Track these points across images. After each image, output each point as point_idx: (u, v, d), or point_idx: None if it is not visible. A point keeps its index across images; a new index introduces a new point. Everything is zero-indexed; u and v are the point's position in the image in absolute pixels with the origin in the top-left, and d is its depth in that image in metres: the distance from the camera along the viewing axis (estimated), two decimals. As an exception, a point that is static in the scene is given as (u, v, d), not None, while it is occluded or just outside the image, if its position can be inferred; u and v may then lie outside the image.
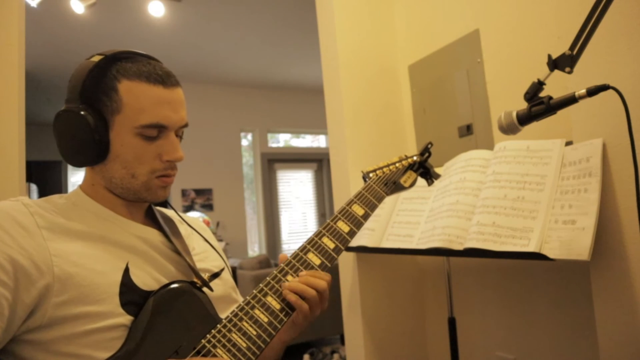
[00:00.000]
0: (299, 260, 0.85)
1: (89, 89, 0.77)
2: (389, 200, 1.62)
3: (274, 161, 6.44)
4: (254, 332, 0.74)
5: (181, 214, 0.99)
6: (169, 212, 0.97)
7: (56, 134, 0.80)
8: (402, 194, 1.61)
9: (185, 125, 0.84)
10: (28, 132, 1.74)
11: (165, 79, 0.79)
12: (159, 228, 0.87)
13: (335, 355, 3.63)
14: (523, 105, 0.99)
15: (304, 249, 0.87)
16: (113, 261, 0.75)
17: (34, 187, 5.44)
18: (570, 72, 0.94)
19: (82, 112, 0.76)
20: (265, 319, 0.76)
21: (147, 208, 0.90)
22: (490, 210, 1.21)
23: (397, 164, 1.13)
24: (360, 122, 1.88)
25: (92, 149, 0.77)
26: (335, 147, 1.92)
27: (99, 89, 0.77)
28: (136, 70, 0.78)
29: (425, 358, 1.89)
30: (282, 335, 0.88)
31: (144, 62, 0.80)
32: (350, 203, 0.97)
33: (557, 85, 1.03)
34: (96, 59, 0.78)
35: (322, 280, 0.81)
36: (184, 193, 5.66)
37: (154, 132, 0.78)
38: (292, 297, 0.78)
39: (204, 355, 0.70)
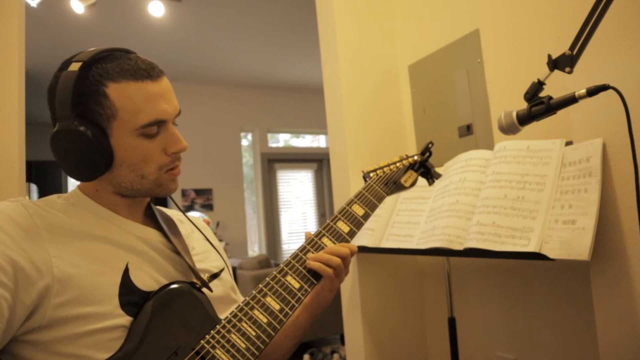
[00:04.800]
0: (299, 260, 0.85)
1: (78, 101, 0.74)
2: (389, 200, 1.62)
3: (274, 161, 6.44)
4: (253, 333, 0.74)
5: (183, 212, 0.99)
6: (169, 211, 0.97)
7: (57, 154, 0.77)
8: (402, 194, 1.61)
9: (179, 113, 0.82)
10: (28, 132, 1.74)
11: (151, 72, 0.77)
12: (159, 228, 0.87)
13: (335, 355, 3.63)
14: (523, 105, 0.99)
15: (303, 250, 0.87)
16: (112, 262, 0.75)
17: (34, 187, 5.43)
18: (570, 72, 0.94)
19: (80, 128, 0.73)
20: (265, 320, 0.76)
21: (147, 208, 0.90)
22: (490, 210, 1.21)
23: (397, 164, 1.13)
24: (360, 122, 1.88)
25: (99, 162, 0.75)
26: (335, 147, 1.91)
27: (88, 99, 0.74)
28: (119, 70, 0.75)
29: (425, 358, 1.89)
30: (309, 307, 0.91)
31: (123, 58, 0.77)
32: (350, 203, 0.97)
33: (557, 85, 1.03)
34: (75, 67, 0.74)
35: (344, 248, 0.86)
36: (184, 193, 5.66)
37: (154, 129, 0.77)
38: (314, 264, 0.82)
39: (203, 356, 0.70)
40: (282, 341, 0.92)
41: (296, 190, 6.60)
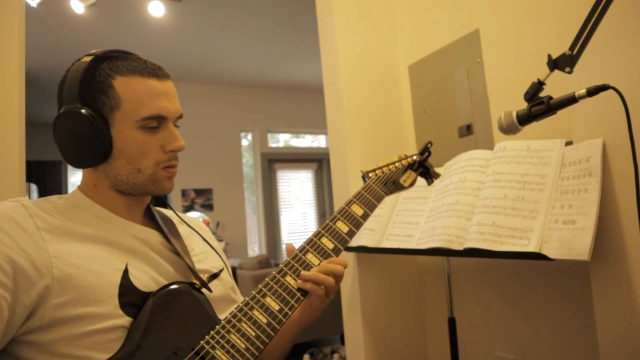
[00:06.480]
0: (298, 260, 0.85)
1: (85, 89, 0.77)
2: (389, 200, 1.62)
3: (274, 161, 6.44)
4: (253, 333, 0.74)
5: (180, 214, 0.99)
6: (168, 212, 0.97)
7: (58, 136, 0.79)
8: (402, 194, 1.61)
9: (181, 116, 0.85)
10: (28, 132, 1.74)
11: (157, 72, 0.82)
12: (158, 229, 0.87)
13: (335, 355, 3.64)
14: (523, 105, 0.99)
15: (302, 250, 0.87)
16: (112, 262, 0.75)
17: (34, 187, 5.44)
18: (570, 72, 0.94)
19: (83, 111, 0.76)
20: (264, 320, 0.76)
21: (146, 208, 0.90)
22: (490, 210, 1.21)
23: (396, 164, 1.13)
24: (360, 122, 1.88)
25: (97, 148, 0.77)
26: (335, 147, 1.91)
27: (95, 88, 0.78)
28: (128, 66, 0.80)
29: (425, 358, 1.89)
30: (296, 322, 0.90)
31: (133, 58, 0.82)
32: (349, 203, 0.97)
33: (557, 85, 1.03)
34: (87, 59, 0.79)
35: (339, 265, 0.85)
36: (184, 193, 5.66)
37: (155, 123, 0.80)
38: (307, 285, 0.81)
39: (202, 357, 0.70)
40: (276, 345, 0.91)
41: (296, 190, 6.60)
